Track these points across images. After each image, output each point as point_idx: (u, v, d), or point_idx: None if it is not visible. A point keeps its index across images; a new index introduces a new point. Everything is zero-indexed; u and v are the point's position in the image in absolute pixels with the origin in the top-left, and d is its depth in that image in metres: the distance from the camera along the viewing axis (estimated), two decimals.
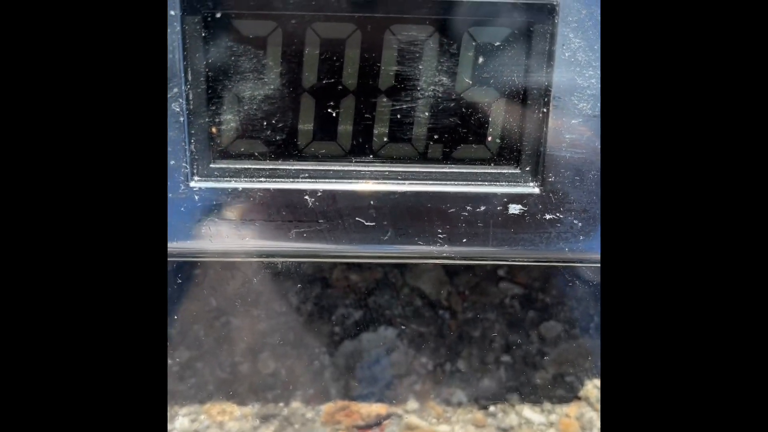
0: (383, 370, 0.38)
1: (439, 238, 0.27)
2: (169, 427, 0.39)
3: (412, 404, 0.39)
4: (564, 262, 0.28)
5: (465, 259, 0.28)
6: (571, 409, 0.39)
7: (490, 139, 0.27)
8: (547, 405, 0.39)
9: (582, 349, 0.38)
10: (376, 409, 0.39)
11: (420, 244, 0.27)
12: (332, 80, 0.26)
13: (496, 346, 0.38)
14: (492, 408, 0.39)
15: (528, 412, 0.39)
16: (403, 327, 0.38)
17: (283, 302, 0.37)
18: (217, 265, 0.35)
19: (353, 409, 0.39)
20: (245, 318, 0.37)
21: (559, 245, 0.27)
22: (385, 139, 0.27)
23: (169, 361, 0.38)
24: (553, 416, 0.39)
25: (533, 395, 0.39)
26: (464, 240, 0.27)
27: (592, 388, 0.39)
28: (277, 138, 0.27)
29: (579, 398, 0.39)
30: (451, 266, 0.37)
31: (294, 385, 0.38)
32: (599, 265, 0.31)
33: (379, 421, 0.39)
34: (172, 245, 0.27)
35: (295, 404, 0.39)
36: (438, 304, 0.38)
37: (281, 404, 0.39)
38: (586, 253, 0.28)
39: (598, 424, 0.39)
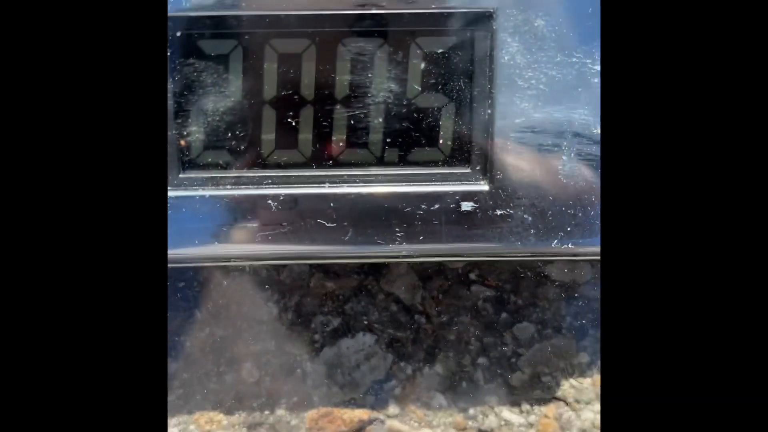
0: (363, 375, 0.39)
1: (397, 236, 0.29)
2: None
3: (394, 409, 0.40)
4: (517, 256, 0.29)
5: (422, 256, 0.29)
6: (550, 409, 0.40)
7: (441, 141, 0.29)
8: (526, 406, 0.40)
9: (555, 349, 0.39)
10: (359, 414, 0.40)
11: (379, 243, 0.29)
12: (291, 92, 0.28)
13: (472, 349, 0.39)
14: (472, 410, 0.40)
15: (507, 413, 0.40)
16: (381, 332, 0.39)
17: (263, 311, 0.39)
18: (194, 273, 0.37)
19: (336, 415, 0.40)
20: (227, 327, 0.39)
21: (511, 240, 0.29)
22: (343, 146, 0.29)
23: None
24: (532, 417, 0.40)
25: (511, 396, 0.40)
26: (421, 237, 0.29)
27: (569, 387, 0.40)
28: (241, 148, 0.29)
29: (557, 398, 0.40)
30: (423, 271, 0.38)
31: (278, 393, 0.40)
32: (558, 258, 0.32)
33: (362, 427, 0.40)
34: None
35: (280, 412, 0.40)
36: (413, 308, 0.39)
37: (267, 412, 0.40)
38: (536, 247, 0.29)
39: (577, 423, 0.40)
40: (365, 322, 0.39)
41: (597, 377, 0.40)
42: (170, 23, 0.27)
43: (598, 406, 0.40)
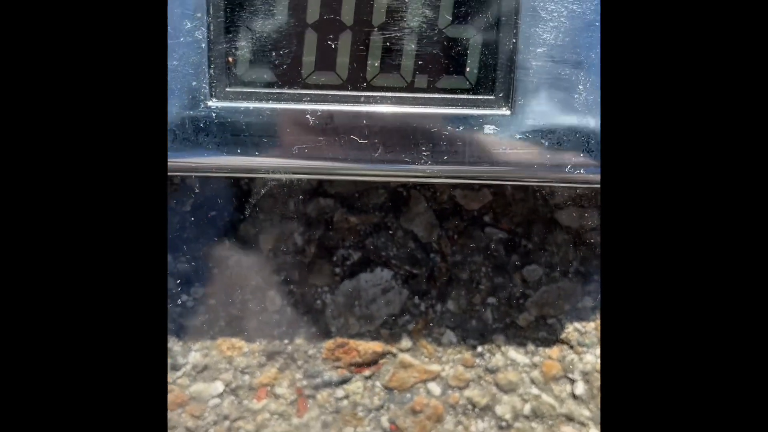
0: (379, 309, 0.42)
1: (423, 155, 0.31)
2: (182, 360, 0.42)
3: (406, 343, 0.42)
4: (533, 180, 0.32)
5: (445, 177, 0.32)
6: (554, 351, 0.43)
7: (468, 70, 0.31)
8: (531, 347, 0.42)
9: (561, 292, 0.42)
10: (373, 346, 0.42)
11: (407, 162, 0.31)
12: (332, 16, 0.31)
13: (483, 289, 0.42)
14: (479, 348, 0.42)
15: (513, 353, 0.42)
16: (397, 268, 0.41)
17: (289, 242, 0.41)
18: (225, 200, 0.39)
19: (351, 347, 0.42)
20: (253, 256, 0.41)
21: (529, 164, 0.31)
22: (377, 69, 0.31)
23: (185, 297, 0.41)
24: (537, 358, 0.43)
25: (518, 337, 0.42)
26: (445, 157, 0.31)
27: (573, 331, 0.42)
28: (284, 67, 0.31)
29: (561, 341, 0.42)
30: (441, 211, 0.41)
31: (298, 322, 0.42)
32: (566, 184, 0.35)
33: (375, 359, 0.42)
34: (188, 160, 0.31)
35: (299, 341, 0.42)
36: (429, 247, 0.41)
37: (286, 341, 0.42)
38: (551, 173, 0.31)
39: (579, 366, 0.42)
40: (383, 258, 0.41)
41: (600, 322, 0.42)
42: None
43: (600, 351, 0.42)
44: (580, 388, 0.43)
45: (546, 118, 0.31)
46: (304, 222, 0.41)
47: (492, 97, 0.31)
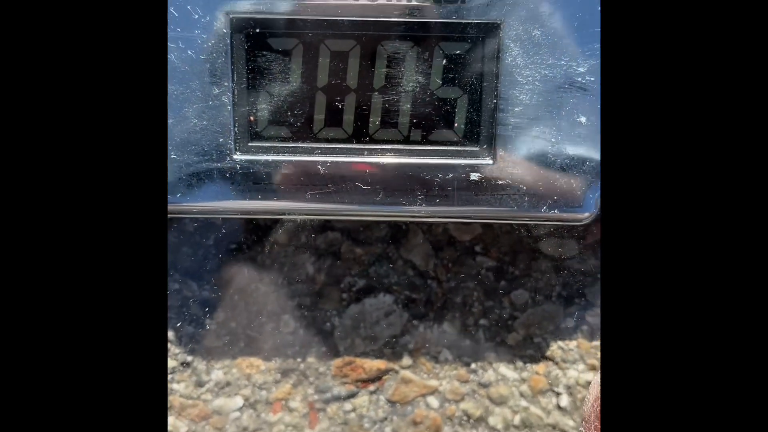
0: (382, 330, 0.46)
1: (419, 198, 0.36)
2: (206, 378, 0.47)
3: (407, 360, 0.47)
4: (514, 219, 0.37)
5: (438, 216, 0.37)
6: (540, 367, 0.47)
7: (456, 125, 0.36)
8: (519, 363, 0.47)
9: (546, 314, 0.46)
10: (377, 364, 0.47)
11: (404, 204, 0.36)
12: (339, 81, 0.36)
13: (475, 311, 0.46)
14: (473, 365, 0.47)
15: (503, 369, 0.47)
16: (398, 293, 0.46)
17: (301, 271, 0.46)
18: (246, 236, 0.44)
19: (358, 364, 0.47)
20: (270, 284, 0.46)
21: (509, 205, 0.36)
22: (378, 126, 0.36)
23: (208, 321, 0.46)
24: (525, 373, 0.47)
25: (507, 354, 0.47)
26: (437, 200, 0.36)
27: (557, 348, 0.47)
28: (298, 124, 0.36)
29: (546, 358, 0.47)
30: (436, 242, 0.46)
31: (309, 343, 0.47)
32: (550, 222, 0.39)
33: (379, 375, 0.47)
34: (214, 205, 0.36)
35: (310, 359, 0.47)
36: (426, 274, 0.46)
37: (299, 360, 0.47)
38: (529, 212, 0.36)
39: (563, 380, 0.47)
40: (386, 284, 0.46)
41: (581, 340, 0.47)
42: (248, 23, 0.35)
43: (581, 366, 0.47)
44: (564, 401, 0.47)
45: (523, 167, 0.36)
46: (314, 253, 0.46)
47: (477, 149, 0.36)
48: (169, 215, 0.36)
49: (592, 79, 0.34)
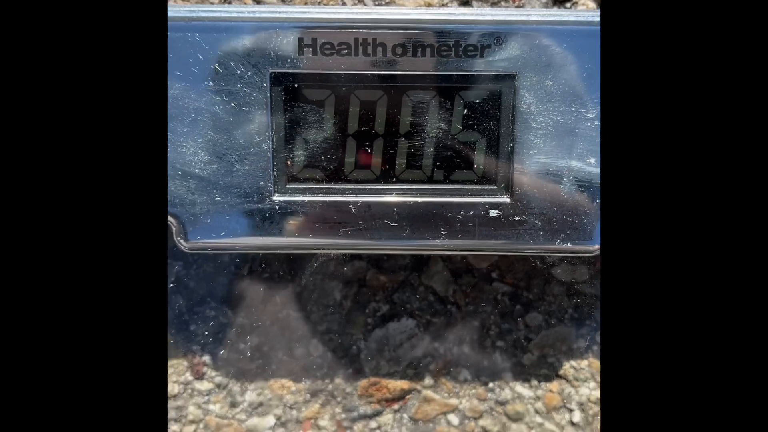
0: (405, 352, 0.49)
1: (442, 233, 0.39)
2: (240, 399, 0.50)
3: (429, 381, 0.50)
4: (531, 251, 0.40)
5: (460, 250, 0.40)
6: (554, 385, 0.50)
7: (476, 166, 0.39)
8: (534, 382, 0.50)
9: (559, 335, 0.49)
10: (400, 384, 0.49)
11: (428, 239, 0.39)
12: (368, 128, 0.39)
13: (492, 334, 0.49)
14: (491, 384, 0.50)
15: (519, 387, 0.50)
16: (420, 318, 0.49)
17: (329, 297, 0.49)
18: (284, 264, 0.47)
19: (382, 384, 0.49)
20: (300, 310, 0.49)
21: (525, 239, 0.39)
22: (404, 168, 0.39)
23: (242, 346, 0.49)
24: (539, 391, 0.50)
25: (523, 374, 0.50)
26: (459, 235, 0.39)
27: (569, 368, 0.50)
28: (331, 167, 0.39)
29: (559, 376, 0.50)
30: (455, 269, 0.49)
31: (337, 365, 0.50)
32: (566, 254, 0.42)
33: (403, 395, 0.50)
34: (257, 241, 0.39)
35: (338, 380, 0.50)
36: (446, 299, 0.49)
37: (327, 381, 0.50)
38: (544, 245, 0.39)
39: (576, 398, 0.50)
40: (408, 309, 0.49)
41: (592, 360, 0.50)
42: (286, 77, 0.38)
43: (593, 384, 0.50)
44: (577, 416, 0.48)
45: (538, 204, 0.39)
46: (342, 281, 0.49)
47: (495, 188, 0.39)
48: (212, 251, 0.39)
49: (599, 124, 0.37)
